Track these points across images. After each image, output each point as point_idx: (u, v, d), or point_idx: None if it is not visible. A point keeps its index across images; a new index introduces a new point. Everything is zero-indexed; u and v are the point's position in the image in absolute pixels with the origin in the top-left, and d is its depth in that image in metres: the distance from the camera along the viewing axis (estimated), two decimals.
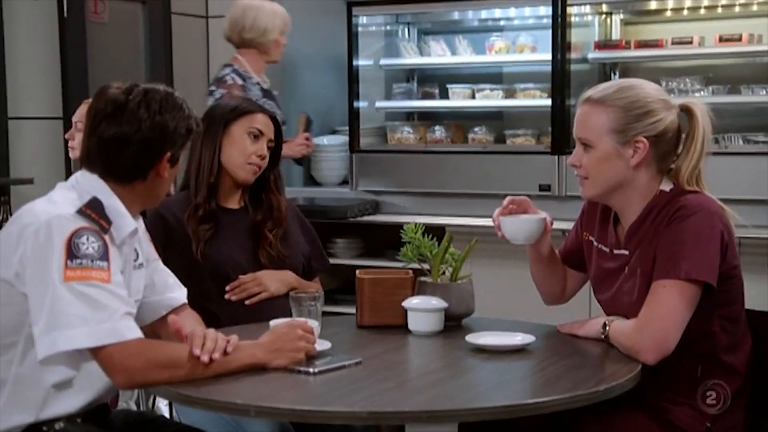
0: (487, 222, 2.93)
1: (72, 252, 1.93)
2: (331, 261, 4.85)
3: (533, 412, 1.85)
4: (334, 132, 5.30)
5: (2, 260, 1.98)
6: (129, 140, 2.07)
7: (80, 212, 2.00)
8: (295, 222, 2.97)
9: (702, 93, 4.40)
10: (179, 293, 2.34)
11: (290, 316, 2.31)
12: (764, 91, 4.28)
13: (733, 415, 2.20)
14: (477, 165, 4.70)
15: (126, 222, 2.09)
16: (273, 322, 2.20)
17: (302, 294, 2.35)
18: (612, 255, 2.28)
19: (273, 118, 2.88)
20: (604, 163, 2.20)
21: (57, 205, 2.02)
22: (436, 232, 4.37)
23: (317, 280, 3.00)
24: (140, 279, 2.21)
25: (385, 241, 4.71)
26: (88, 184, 2.09)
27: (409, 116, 5.34)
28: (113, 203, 2.07)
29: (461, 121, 5.00)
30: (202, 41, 7.23)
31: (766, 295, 4.07)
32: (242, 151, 2.78)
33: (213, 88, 4.46)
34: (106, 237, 2.01)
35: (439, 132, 4.91)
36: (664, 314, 2.09)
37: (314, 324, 2.21)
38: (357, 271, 2.57)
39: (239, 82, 4.28)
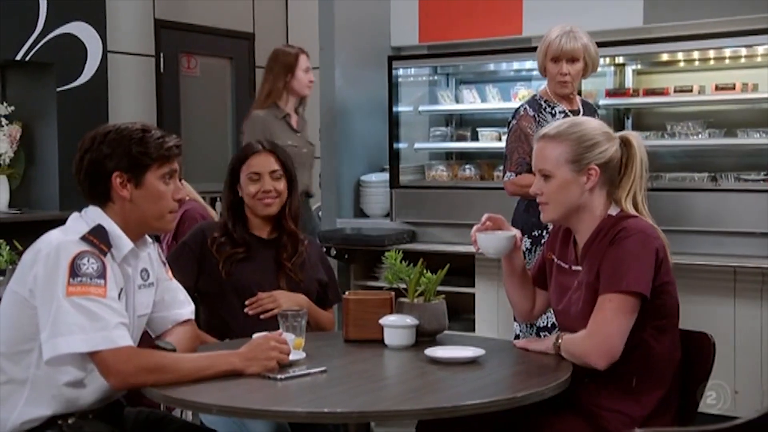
0: None
1: (74, 271, 2.08)
2: (375, 284, 5.04)
3: (451, 415, 1.90)
4: (382, 170, 5.41)
5: (20, 279, 2.14)
6: (80, 167, 2.23)
7: (83, 238, 2.14)
8: (317, 255, 3.08)
9: (701, 135, 4.36)
10: (186, 310, 2.44)
11: None
12: (758, 134, 4.22)
13: (662, 420, 2.23)
14: (501, 199, 4.72)
15: (123, 243, 2.22)
16: (256, 335, 2.30)
17: (289, 311, 2.45)
18: (570, 271, 2.36)
19: (272, 152, 2.97)
20: (563, 189, 2.30)
21: (67, 232, 2.18)
22: (464, 259, 4.51)
23: (331, 311, 3.07)
24: (150, 296, 2.34)
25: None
26: (90, 212, 2.24)
27: (448, 156, 5.41)
28: (111, 227, 2.21)
29: (490, 160, 5.05)
30: None
31: (759, 319, 4.02)
32: (249, 194, 2.93)
33: None
34: (106, 259, 2.14)
35: (469, 170, 4.97)
36: (609, 323, 2.17)
37: (291, 337, 2.30)
38: (346, 293, 2.66)
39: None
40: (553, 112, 3.66)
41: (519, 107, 3.71)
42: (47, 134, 5.69)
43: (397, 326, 2.49)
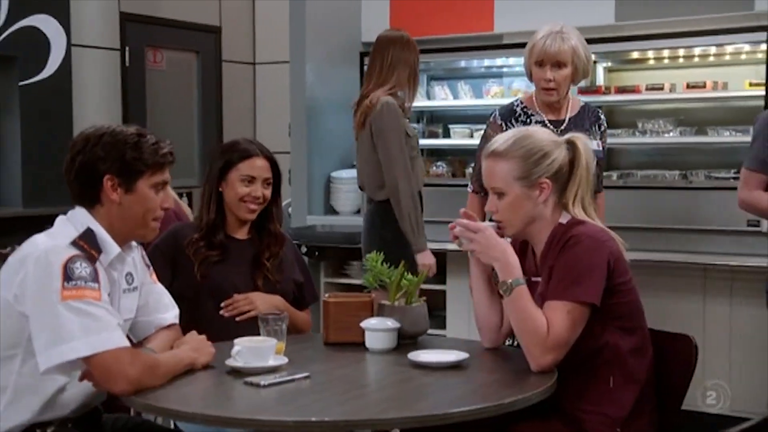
0: None
1: (68, 275, 2.03)
2: (346, 281, 5.03)
3: (441, 422, 1.89)
4: (352, 166, 5.38)
5: (5, 283, 2.09)
6: (71, 167, 2.19)
7: (73, 243, 2.10)
8: (293, 255, 3.04)
9: (672, 133, 4.40)
10: (170, 314, 2.41)
11: None
12: (728, 132, 4.26)
13: (640, 421, 2.25)
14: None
15: (111, 247, 2.18)
16: (237, 340, 2.27)
17: (269, 315, 2.43)
18: (531, 282, 2.32)
19: (269, 158, 2.95)
20: (517, 206, 2.28)
21: (55, 237, 2.13)
22: (435, 255, 4.50)
23: (308, 312, 3.05)
24: (134, 300, 2.31)
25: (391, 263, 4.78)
26: (78, 215, 2.20)
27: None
28: (99, 230, 2.17)
29: (462, 157, 5.04)
30: (250, 86, 7.42)
31: (728, 316, 4.07)
32: (236, 195, 2.87)
33: None
34: (96, 263, 2.11)
35: (440, 167, 4.97)
36: (553, 330, 2.15)
37: (272, 342, 2.28)
38: (325, 295, 2.64)
39: None
40: (528, 121, 3.26)
41: (492, 112, 3.42)
42: (10, 129, 5.57)
43: (378, 329, 2.47)
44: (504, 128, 3.18)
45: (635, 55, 4.70)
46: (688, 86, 4.36)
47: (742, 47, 4.36)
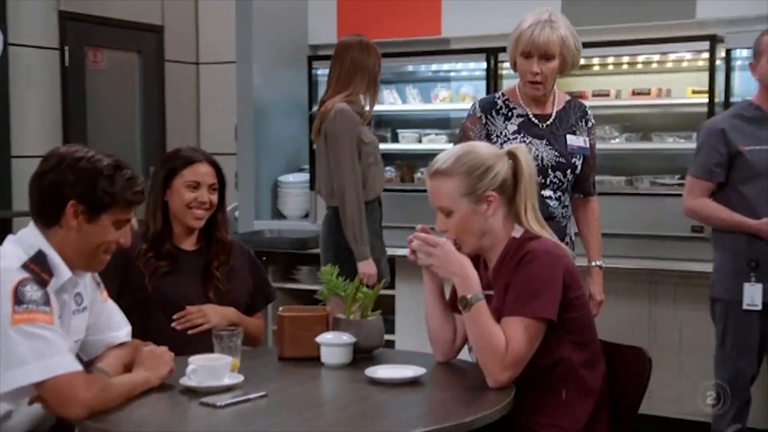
0: None
1: (18, 299, 1.97)
2: (294, 286, 5.00)
3: None
4: (300, 170, 5.35)
5: None
6: (38, 184, 2.12)
7: (24, 266, 2.04)
8: (244, 260, 3.00)
9: (618, 139, 4.46)
10: (122, 332, 2.35)
11: None
12: (671, 139, 4.34)
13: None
14: (422, 202, 4.72)
15: (62, 271, 2.12)
16: (192, 359, 2.23)
17: (224, 332, 2.39)
18: (484, 296, 2.32)
19: (213, 164, 2.90)
20: (467, 222, 2.28)
21: (4, 259, 2.06)
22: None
23: (259, 316, 3.02)
24: (83, 320, 2.24)
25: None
26: (29, 236, 2.13)
27: None
28: (50, 253, 2.11)
29: (410, 161, 5.04)
30: (193, 86, 7.32)
31: (675, 321, 4.15)
32: (182, 202, 2.82)
33: None
34: (47, 287, 2.05)
35: (389, 172, 4.96)
36: (511, 347, 2.15)
37: (227, 360, 2.24)
38: (280, 308, 2.61)
39: None
40: (510, 114, 3.05)
41: (473, 104, 3.18)
42: None
43: (334, 344, 2.45)
44: (484, 121, 3.03)
45: (581, 61, 4.73)
46: (634, 93, 4.43)
47: (685, 55, 4.44)
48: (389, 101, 5.09)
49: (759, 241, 3.26)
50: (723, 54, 4.17)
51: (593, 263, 3.17)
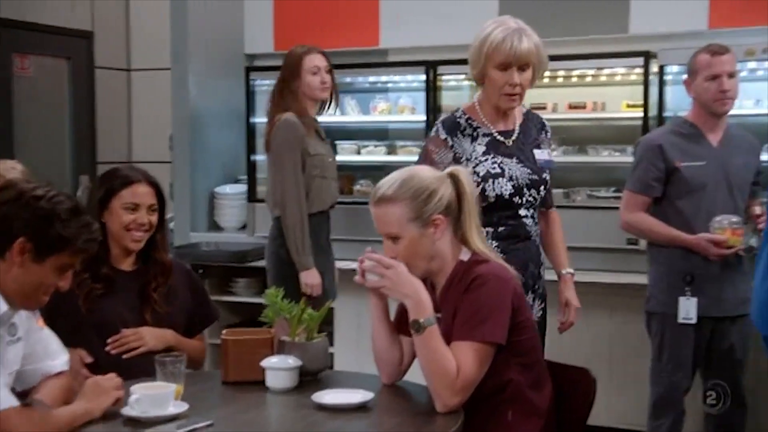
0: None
1: None
2: (233, 299, 4.93)
3: None
4: (236, 181, 5.28)
5: None
6: None
7: None
8: (184, 279, 2.94)
9: (556, 153, 4.50)
10: (59, 361, 2.28)
11: None
12: (606, 152, 4.41)
13: None
14: (362, 214, 4.71)
15: None
16: (134, 387, 2.17)
17: (166, 358, 2.34)
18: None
19: (153, 184, 2.84)
20: (415, 247, 2.28)
21: None
22: None
23: (200, 337, 2.97)
24: (18, 351, 2.16)
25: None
26: None
27: None
28: None
29: (349, 173, 5.02)
30: (125, 93, 7.16)
31: (607, 333, 4.22)
32: (121, 224, 2.76)
33: None
34: None
35: None
36: (462, 371, 2.15)
37: (170, 388, 2.19)
38: (223, 332, 2.57)
39: None
40: (475, 134, 2.89)
41: (434, 125, 3.00)
42: None
43: (279, 368, 2.42)
44: (450, 144, 2.86)
45: None
46: (570, 106, 4.49)
47: (619, 69, 4.52)
48: (327, 112, 5.05)
49: (694, 256, 3.33)
50: (656, 69, 4.26)
51: (564, 271, 3.09)
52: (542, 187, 2.94)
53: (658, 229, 3.40)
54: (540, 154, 2.96)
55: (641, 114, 4.24)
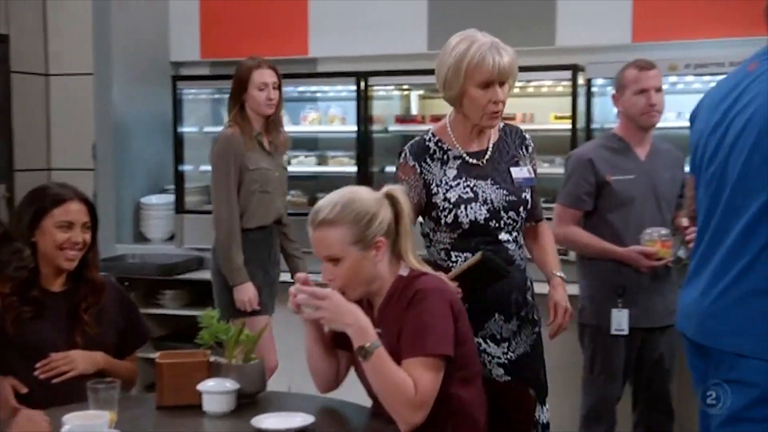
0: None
1: None
2: (160, 311, 4.82)
3: None
4: (162, 191, 5.17)
5: None
6: None
7: None
8: (115, 298, 2.85)
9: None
10: None
11: None
12: (547, 165, 4.44)
13: None
14: (294, 226, 4.67)
15: None
16: (66, 417, 2.09)
17: (99, 384, 2.26)
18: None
19: (85, 201, 2.76)
20: (357, 269, 2.25)
21: None
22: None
23: (132, 358, 2.89)
24: None
25: (209, 292, 4.66)
26: None
27: None
28: None
29: None
30: (42, 98, 6.93)
31: None
32: (54, 243, 2.66)
33: None
34: None
35: None
36: (419, 386, 2.14)
37: (104, 416, 2.12)
38: (158, 354, 2.50)
39: None
40: (445, 158, 2.68)
41: (401, 150, 2.77)
42: None
43: (217, 392, 2.36)
44: (419, 170, 2.66)
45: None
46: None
47: (547, 81, 4.58)
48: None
49: (625, 268, 3.39)
50: (582, 81, 4.33)
51: (554, 273, 2.82)
52: (522, 208, 2.71)
53: (590, 242, 3.45)
54: (518, 173, 2.74)
55: (570, 126, 4.30)
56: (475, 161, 2.70)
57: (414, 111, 4.95)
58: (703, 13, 4.40)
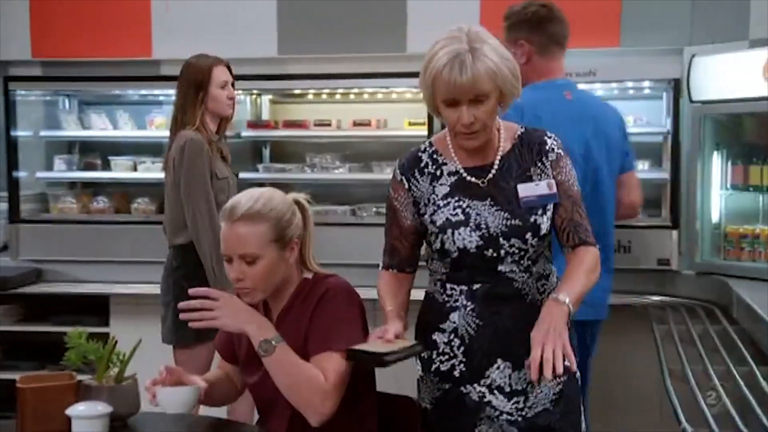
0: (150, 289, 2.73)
1: None
2: None
3: None
4: None
5: None
6: None
7: None
8: None
9: (341, 169, 4.54)
10: None
11: None
12: (390, 169, 4.47)
13: None
14: (139, 234, 4.49)
15: None
16: None
17: None
18: None
19: None
20: (273, 269, 2.22)
21: None
22: (97, 298, 4.23)
23: None
24: None
25: (48, 307, 4.42)
26: None
27: (72, 185, 4.99)
28: None
29: (125, 190, 4.75)
30: None
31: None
32: None
33: None
34: None
35: (102, 202, 4.65)
36: (328, 376, 2.14)
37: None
38: (18, 378, 2.30)
39: None
40: (438, 173, 2.26)
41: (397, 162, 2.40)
42: None
43: (88, 417, 2.20)
44: (407, 186, 2.30)
45: (298, 90, 4.77)
46: (355, 123, 4.52)
47: (398, 88, 4.62)
48: (99, 126, 4.76)
49: None
50: None
51: (552, 295, 2.13)
52: (530, 234, 2.20)
53: None
54: (528, 190, 2.23)
55: (425, 132, 4.34)
56: (473, 179, 2.24)
57: (265, 116, 4.86)
58: None
